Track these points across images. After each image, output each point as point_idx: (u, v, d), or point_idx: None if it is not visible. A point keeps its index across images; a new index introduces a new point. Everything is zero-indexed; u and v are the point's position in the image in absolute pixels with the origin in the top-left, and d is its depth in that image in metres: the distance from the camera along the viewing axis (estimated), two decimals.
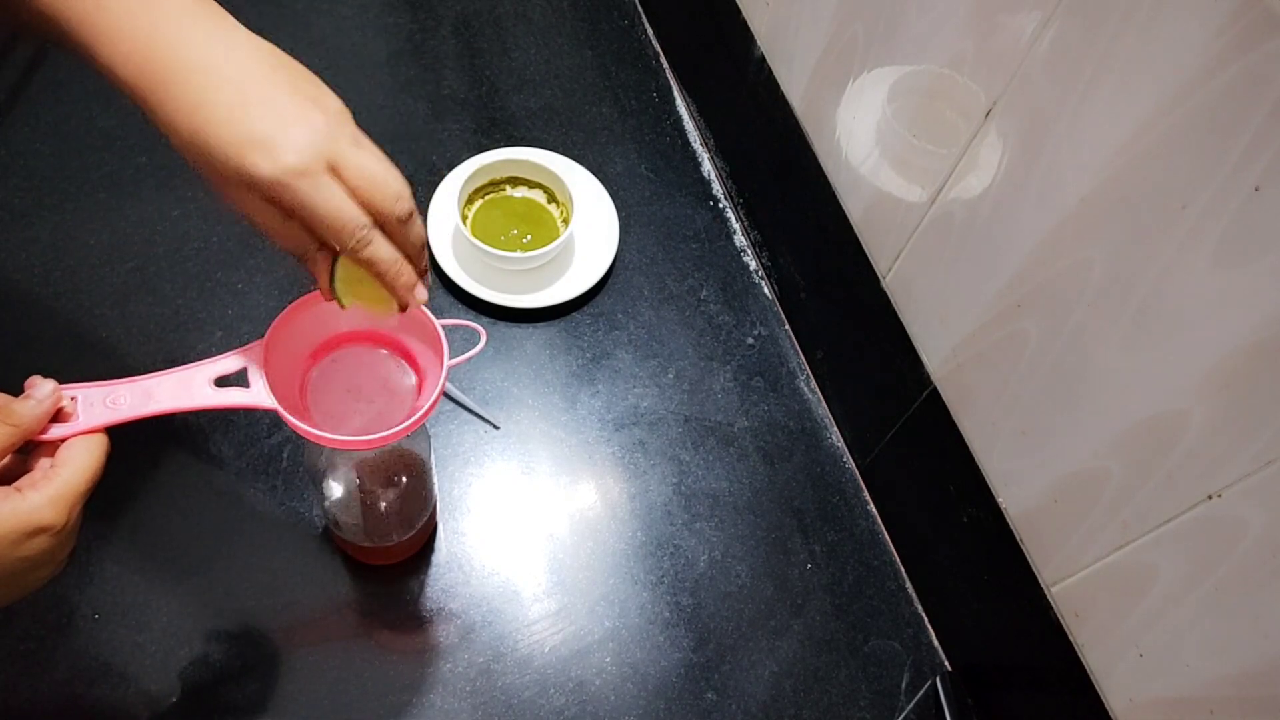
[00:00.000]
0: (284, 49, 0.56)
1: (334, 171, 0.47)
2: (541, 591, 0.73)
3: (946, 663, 0.74)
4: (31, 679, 0.64)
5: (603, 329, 0.85)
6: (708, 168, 0.97)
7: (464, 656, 0.69)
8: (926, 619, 0.76)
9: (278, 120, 0.46)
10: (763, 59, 0.84)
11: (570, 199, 0.85)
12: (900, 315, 0.71)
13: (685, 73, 1.01)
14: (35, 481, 0.45)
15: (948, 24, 0.60)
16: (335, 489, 0.64)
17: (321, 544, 0.72)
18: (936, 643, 0.75)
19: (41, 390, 0.47)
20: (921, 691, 0.72)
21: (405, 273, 0.51)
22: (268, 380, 0.52)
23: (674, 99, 1.01)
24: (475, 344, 0.58)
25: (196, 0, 0.49)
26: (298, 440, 0.74)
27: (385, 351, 0.59)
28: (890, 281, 0.72)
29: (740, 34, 0.86)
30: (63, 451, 0.47)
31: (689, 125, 0.99)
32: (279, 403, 0.51)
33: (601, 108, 0.98)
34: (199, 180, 0.49)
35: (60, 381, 0.48)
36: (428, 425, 0.65)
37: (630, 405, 0.82)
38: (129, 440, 0.59)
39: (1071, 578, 0.59)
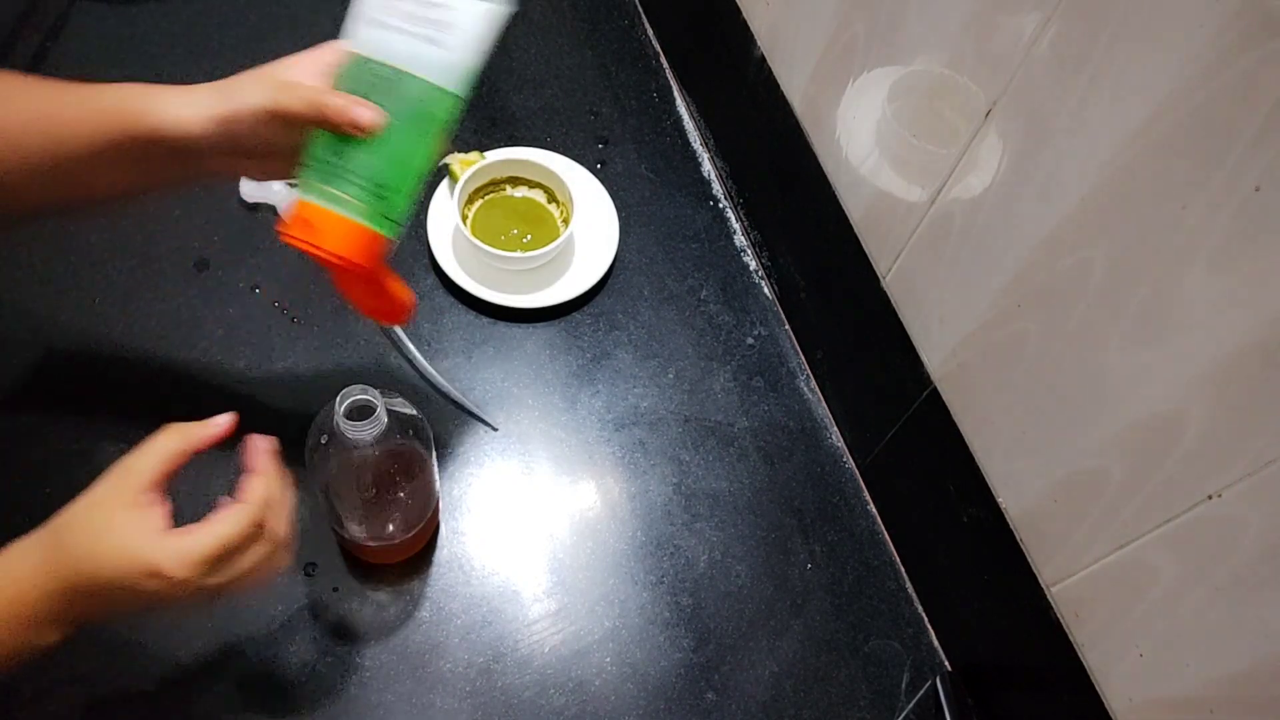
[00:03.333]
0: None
1: None
2: (541, 591, 0.73)
3: (946, 663, 0.74)
4: (32, 679, 0.64)
5: (603, 329, 0.85)
6: (708, 168, 0.97)
7: (464, 656, 0.69)
8: (926, 619, 0.76)
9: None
10: (763, 59, 0.84)
11: (570, 199, 0.85)
12: (900, 315, 0.71)
13: (685, 73, 1.01)
14: (190, 529, 0.51)
15: (948, 24, 0.60)
16: (336, 489, 0.64)
17: (323, 543, 0.72)
18: (936, 643, 0.75)
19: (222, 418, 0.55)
20: (921, 691, 0.72)
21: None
22: None
23: (674, 99, 1.01)
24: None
25: None
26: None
27: None
28: (890, 281, 0.72)
29: (740, 34, 0.86)
30: (218, 512, 0.52)
31: (689, 125, 0.99)
32: None
33: (601, 108, 0.98)
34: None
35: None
36: (429, 425, 0.65)
37: (630, 405, 0.82)
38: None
39: (1071, 578, 0.59)
